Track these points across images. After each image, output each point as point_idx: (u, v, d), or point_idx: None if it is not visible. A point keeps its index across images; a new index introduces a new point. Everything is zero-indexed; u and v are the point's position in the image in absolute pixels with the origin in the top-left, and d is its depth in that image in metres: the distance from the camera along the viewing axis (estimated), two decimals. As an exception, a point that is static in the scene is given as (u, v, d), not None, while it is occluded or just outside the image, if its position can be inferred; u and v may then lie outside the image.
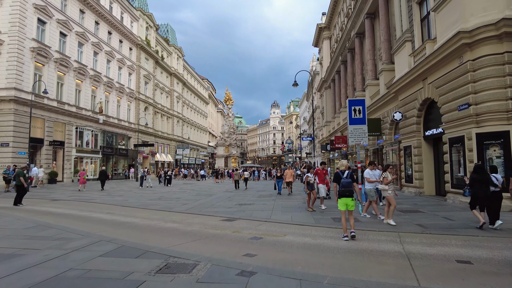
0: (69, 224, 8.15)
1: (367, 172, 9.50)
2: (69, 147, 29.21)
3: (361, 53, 27.33)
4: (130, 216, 9.82)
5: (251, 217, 9.43)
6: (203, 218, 9.52)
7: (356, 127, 9.88)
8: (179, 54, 57.79)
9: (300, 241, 6.36)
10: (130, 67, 40.50)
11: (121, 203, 13.37)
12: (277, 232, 7.23)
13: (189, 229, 7.67)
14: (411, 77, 14.83)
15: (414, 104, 15.12)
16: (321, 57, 47.92)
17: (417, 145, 15.17)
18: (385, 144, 20.61)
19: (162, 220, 9.05)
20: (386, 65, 19.93)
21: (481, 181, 7.06)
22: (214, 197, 16.26)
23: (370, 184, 9.35)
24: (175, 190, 20.86)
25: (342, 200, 6.63)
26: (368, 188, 9.41)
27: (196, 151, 64.39)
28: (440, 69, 12.50)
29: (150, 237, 6.78)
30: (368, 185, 9.40)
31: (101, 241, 6.12)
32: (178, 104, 56.15)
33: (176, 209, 11.43)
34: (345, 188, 6.59)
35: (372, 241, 6.33)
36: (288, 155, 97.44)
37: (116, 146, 37.34)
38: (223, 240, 6.43)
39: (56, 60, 27.31)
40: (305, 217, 9.36)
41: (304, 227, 7.92)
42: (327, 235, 6.97)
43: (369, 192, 9.42)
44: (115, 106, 37.32)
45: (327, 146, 37.64)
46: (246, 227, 7.88)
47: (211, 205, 12.76)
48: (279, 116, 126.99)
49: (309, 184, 11.05)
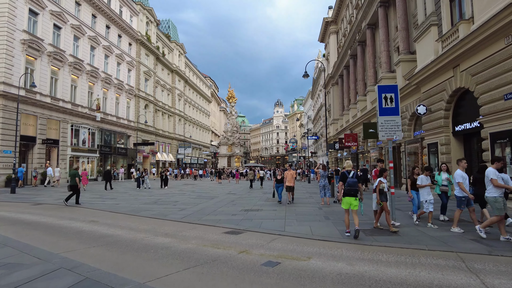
0: (32, 240, 6.50)
1: (458, 174, 7.31)
2: (64, 146, 27.65)
3: (373, 45, 25.56)
4: (114, 226, 8.16)
5: (260, 229, 7.75)
6: (202, 229, 7.84)
7: (387, 119, 8.16)
8: (180, 51, 56.16)
9: (332, 268, 4.66)
10: (129, 63, 38.90)
11: (110, 208, 11.73)
12: (298, 253, 5.54)
13: (182, 247, 6.00)
14: (438, 65, 13.07)
15: (442, 96, 13.37)
16: (327, 53, 46.14)
17: (445, 142, 13.42)
18: (403, 142, 18.85)
19: (152, 232, 7.38)
20: (404, 55, 18.20)
21: (483, 181, 7.03)
22: (216, 200, 14.58)
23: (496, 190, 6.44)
24: (174, 192, 19.20)
25: (346, 199, 6.82)
26: (493, 196, 6.42)
27: (198, 151, 62.77)
28: (478, 53, 10.75)
29: (129, 261, 5.10)
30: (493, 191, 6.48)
31: (60, 269, 4.46)
32: (179, 102, 54.53)
33: (171, 217, 9.76)
34: (351, 187, 6.78)
35: (431, 268, 4.63)
36: (292, 154, 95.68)
37: (114, 145, 35.76)
38: (226, 267, 4.74)
39: (50, 54, 25.72)
40: (327, 229, 7.66)
41: (330, 244, 6.22)
42: (365, 257, 5.27)
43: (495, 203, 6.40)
44: (113, 103, 35.74)
45: (335, 145, 35.93)
46: (255, 244, 6.19)
47: (212, 211, 11.08)
48: (282, 115, 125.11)
49: (383, 193, 7.51)
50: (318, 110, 59.17)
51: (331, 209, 11.13)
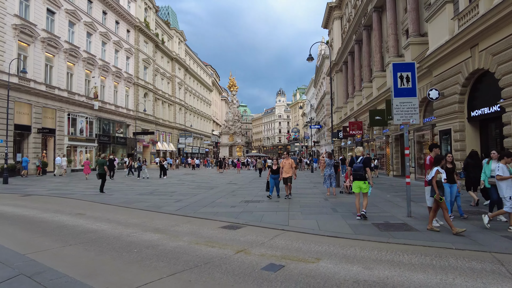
0: (5, 236, 5.77)
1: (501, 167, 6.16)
2: (61, 135, 26.89)
3: (379, 29, 24.44)
4: (101, 220, 7.42)
5: (261, 223, 6.98)
6: (197, 223, 7.09)
7: (403, 100, 7.28)
8: (180, 38, 54.86)
9: (347, 273, 3.88)
10: (127, 51, 37.83)
11: (102, 200, 11.01)
12: (305, 253, 4.76)
13: (172, 245, 5.24)
14: (454, 45, 12.09)
15: (457, 79, 12.43)
16: (331, 39, 44.82)
17: (460, 128, 12.52)
18: (412, 130, 17.97)
19: (141, 227, 6.63)
20: (414, 37, 17.18)
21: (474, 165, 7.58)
22: (216, 190, 13.84)
23: None
24: (173, 182, 18.48)
25: (355, 183, 7.29)
26: None
27: (199, 140, 62.00)
28: (501, 30, 9.78)
29: (106, 263, 4.34)
30: None
31: (18, 277, 3.70)
32: (180, 90, 53.50)
33: (166, 209, 9.01)
34: (356, 172, 7.23)
35: (465, 273, 3.84)
36: (294, 144, 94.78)
37: (113, 134, 34.97)
38: (220, 272, 3.96)
39: (44, 40, 24.75)
40: (336, 223, 6.88)
41: (341, 241, 5.44)
42: (383, 257, 4.49)
43: None
44: (111, 92, 34.81)
45: (339, 134, 35.04)
46: (255, 242, 5.42)
47: (210, 202, 10.33)
48: (284, 104, 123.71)
49: (440, 185, 6.10)
50: (321, 98, 58.06)
51: (339, 200, 10.36)
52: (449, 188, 6.74)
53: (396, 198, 10.55)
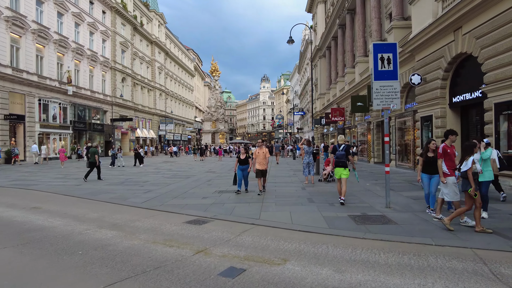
0: None
1: None
2: (31, 122, 25.49)
3: (363, 13, 23.88)
4: (57, 215, 6.74)
5: (231, 216, 6.46)
6: (161, 217, 6.51)
7: (384, 84, 6.80)
8: (160, 21, 52.88)
9: (315, 278, 3.41)
10: (104, 33, 36.06)
11: (67, 191, 10.25)
12: (271, 252, 4.27)
13: (125, 244, 4.66)
14: (437, 28, 11.67)
15: (439, 63, 12.07)
16: (315, 24, 44.01)
17: (441, 114, 12.25)
18: (393, 116, 17.73)
19: (98, 223, 6.01)
20: (397, 21, 16.71)
21: None
22: (191, 180, 13.24)
23: None
24: (148, 171, 17.74)
25: (337, 170, 7.64)
26: None
27: (182, 127, 60.76)
28: (486, 12, 9.38)
29: (38, 271, 3.73)
30: None
31: None
32: (160, 75, 51.88)
33: (132, 201, 8.38)
34: (338, 159, 7.61)
35: (446, 274, 3.43)
36: (279, 131, 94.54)
37: (89, 120, 33.53)
38: (169, 279, 3.39)
39: (8, 19, 23.06)
40: (310, 215, 6.43)
41: (313, 237, 4.98)
42: (357, 257, 4.05)
43: None
44: (87, 76, 33.23)
45: (321, 120, 34.76)
46: (220, 239, 4.90)
47: (182, 192, 9.74)
48: (269, 90, 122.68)
49: None
50: (305, 84, 57.56)
51: (316, 189, 9.95)
52: (429, 180, 6.26)
53: (375, 187, 10.23)
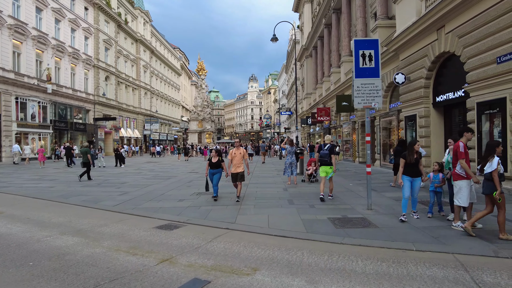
0: None
1: None
2: (8, 121, 24.50)
3: (348, 12, 23.83)
4: (18, 220, 6.28)
5: (205, 220, 6.13)
6: (131, 222, 6.13)
7: (365, 82, 6.57)
8: (146, 19, 51.97)
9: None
10: (86, 30, 35.11)
11: (37, 194, 9.71)
12: (242, 261, 3.96)
13: (85, 253, 4.28)
14: (420, 27, 11.58)
15: (423, 63, 11.99)
16: (301, 23, 43.94)
17: (425, 114, 12.17)
18: (378, 116, 17.67)
19: (61, 229, 5.59)
20: (382, 20, 16.67)
21: (402, 152, 7.07)
22: (172, 181, 12.82)
23: None
24: (129, 172, 17.20)
25: (322, 168, 7.97)
26: None
27: (168, 126, 59.90)
28: (468, 10, 9.29)
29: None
30: None
31: None
32: (145, 74, 50.97)
33: (104, 203, 7.95)
34: (322, 158, 7.95)
35: (426, 285, 3.19)
36: (266, 130, 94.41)
37: (71, 120, 32.57)
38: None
39: (-19, 14, 22.17)
40: (289, 218, 6.15)
41: (289, 242, 4.70)
42: (333, 265, 3.78)
43: None
44: (68, 74, 32.23)
45: (308, 120, 34.67)
46: (190, 246, 4.57)
47: (159, 194, 9.35)
48: (257, 90, 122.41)
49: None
50: (292, 84, 57.48)
51: (298, 190, 9.69)
52: (411, 182, 5.90)
53: (358, 187, 10.04)
